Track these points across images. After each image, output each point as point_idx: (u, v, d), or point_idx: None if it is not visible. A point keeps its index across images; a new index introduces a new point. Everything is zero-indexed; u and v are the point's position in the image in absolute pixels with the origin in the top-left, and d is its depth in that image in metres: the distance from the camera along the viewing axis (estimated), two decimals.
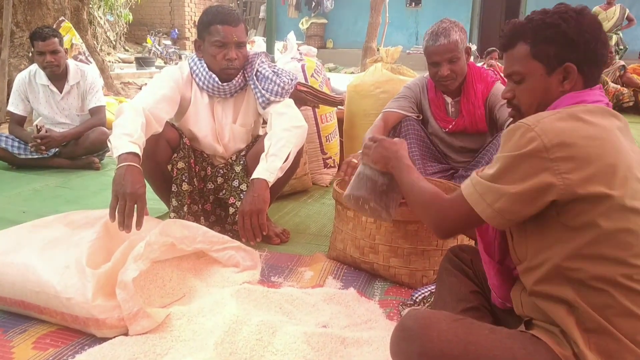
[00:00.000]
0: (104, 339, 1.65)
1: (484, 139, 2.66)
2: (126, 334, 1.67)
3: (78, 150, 3.90)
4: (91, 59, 6.06)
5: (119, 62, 11.86)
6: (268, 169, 2.17)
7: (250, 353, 1.55)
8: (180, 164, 2.38)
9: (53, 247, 1.83)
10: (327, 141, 3.57)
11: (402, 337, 1.21)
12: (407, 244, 2.07)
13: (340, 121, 3.67)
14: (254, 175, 2.18)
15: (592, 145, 1.15)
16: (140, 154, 2.00)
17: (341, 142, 3.72)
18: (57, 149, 3.87)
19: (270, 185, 2.17)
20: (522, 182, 1.17)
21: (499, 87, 2.55)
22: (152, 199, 2.33)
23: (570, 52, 1.27)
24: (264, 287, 1.97)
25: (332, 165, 3.64)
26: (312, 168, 3.52)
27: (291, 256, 2.36)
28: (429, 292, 1.94)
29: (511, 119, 1.42)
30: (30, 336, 1.68)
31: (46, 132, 3.75)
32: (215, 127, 2.47)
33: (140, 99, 2.26)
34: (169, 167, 2.38)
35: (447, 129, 2.65)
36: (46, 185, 3.49)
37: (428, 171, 2.67)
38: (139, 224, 1.88)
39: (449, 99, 2.62)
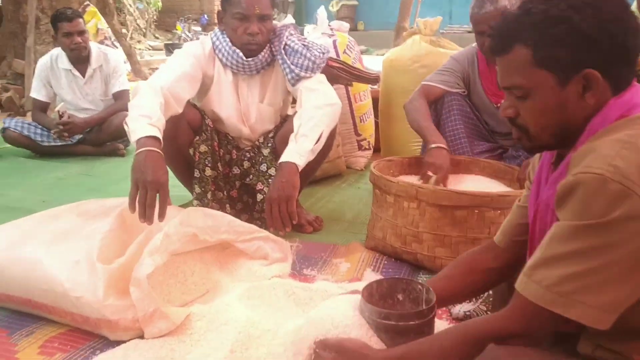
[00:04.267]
0: (118, 343, 1.48)
1: None
2: (142, 337, 1.49)
3: (102, 137, 3.76)
4: (117, 44, 5.94)
5: (149, 49, 11.78)
6: (298, 151, 1.96)
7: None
8: (203, 147, 2.18)
9: (63, 240, 1.66)
10: (361, 122, 3.34)
11: None
12: (455, 231, 1.85)
13: (375, 100, 3.44)
14: (283, 158, 1.97)
15: None
16: (161, 137, 1.82)
17: (376, 123, 3.49)
18: (80, 136, 3.74)
19: (300, 169, 1.96)
20: (633, 259, 0.86)
21: None
22: (175, 185, 2.14)
23: (589, 54, 0.95)
24: (295, 282, 1.76)
25: (367, 147, 3.41)
26: (345, 151, 3.30)
27: (325, 246, 2.16)
28: (472, 309, 1.59)
29: None
30: (37, 339, 1.51)
31: (68, 117, 3.62)
32: (240, 107, 2.27)
33: (158, 77, 2.07)
34: (191, 150, 2.19)
35: (499, 104, 2.39)
36: (69, 173, 3.36)
37: (475, 150, 2.43)
38: (161, 215, 1.70)
39: None
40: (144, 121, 1.81)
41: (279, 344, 1.38)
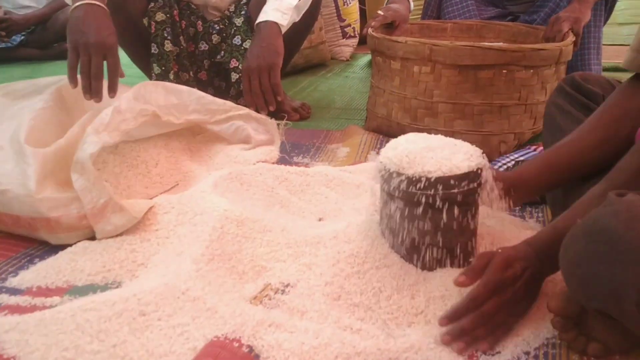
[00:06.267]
0: (62, 247, 1.13)
1: None
2: (93, 238, 1.15)
3: (48, 37, 3.25)
4: None
5: None
6: (279, 8, 1.57)
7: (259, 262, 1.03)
8: (160, 15, 1.76)
9: None
10: (344, 4, 2.91)
11: (602, 254, 0.64)
12: (478, 98, 1.52)
13: None
14: (260, 18, 1.58)
15: None
16: None
17: (361, 10, 3.07)
18: (22, 37, 3.23)
19: (283, 31, 1.57)
20: None
21: None
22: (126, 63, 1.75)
23: None
24: (286, 167, 1.42)
25: (352, 34, 2.99)
26: (329, 39, 2.89)
27: (317, 132, 1.81)
28: (513, 163, 1.41)
29: None
30: None
31: (5, 14, 3.10)
32: None
33: None
34: (145, 21, 1.77)
35: None
36: (10, 78, 2.88)
37: (483, 16, 2.09)
38: (112, 89, 1.32)
39: None
40: None
41: (278, 239, 1.06)
